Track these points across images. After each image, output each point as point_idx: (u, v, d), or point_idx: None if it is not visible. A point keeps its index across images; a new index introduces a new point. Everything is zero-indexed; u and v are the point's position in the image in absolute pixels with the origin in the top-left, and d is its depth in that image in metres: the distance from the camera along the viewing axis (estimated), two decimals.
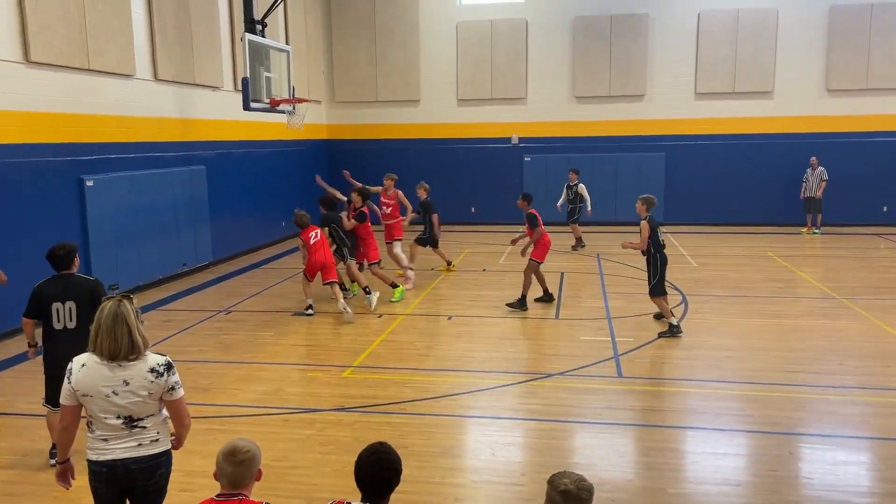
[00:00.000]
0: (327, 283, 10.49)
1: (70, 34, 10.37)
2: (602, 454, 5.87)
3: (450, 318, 10.31)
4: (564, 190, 16.44)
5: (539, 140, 20.07)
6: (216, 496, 3.07)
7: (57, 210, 10.27)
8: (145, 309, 10.93)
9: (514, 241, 11.45)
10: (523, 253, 10.88)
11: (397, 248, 12.40)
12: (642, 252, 9.20)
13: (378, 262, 11.53)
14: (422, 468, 5.55)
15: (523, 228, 10.93)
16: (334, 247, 10.94)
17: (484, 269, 13.89)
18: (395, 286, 11.33)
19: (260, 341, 9.37)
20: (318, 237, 10.53)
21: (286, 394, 7.41)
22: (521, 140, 20.23)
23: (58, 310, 5.37)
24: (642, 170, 19.53)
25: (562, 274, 13.23)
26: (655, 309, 9.63)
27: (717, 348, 8.67)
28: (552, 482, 2.80)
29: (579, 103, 19.85)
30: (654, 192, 19.82)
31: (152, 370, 3.53)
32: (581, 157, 19.69)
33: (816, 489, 5.27)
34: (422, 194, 13.29)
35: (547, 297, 10.94)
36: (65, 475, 3.79)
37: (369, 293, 10.82)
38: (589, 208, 16.13)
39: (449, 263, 13.58)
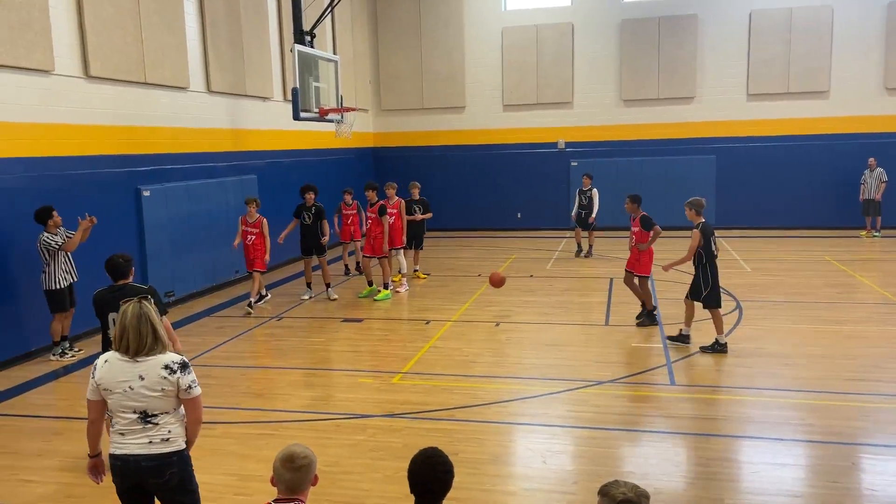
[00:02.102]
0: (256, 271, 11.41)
1: (127, 49, 10.70)
2: (656, 463, 5.77)
3: (497, 324, 10.28)
4: (577, 196, 15.74)
5: (586, 144, 19.91)
6: (273, 501, 3.12)
7: (116, 219, 10.58)
8: (199, 315, 11.19)
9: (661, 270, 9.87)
10: (633, 264, 9.96)
11: (401, 255, 12.89)
12: (693, 262, 8.65)
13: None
14: (472, 475, 5.53)
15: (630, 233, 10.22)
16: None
17: (531, 276, 13.82)
18: (387, 286, 12.13)
19: (311, 347, 9.50)
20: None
21: (337, 399, 7.49)
22: (568, 145, 20.10)
23: (114, 319, 5.49)
24: (692, 173, 19.19)
25: (611, 280, 13.08)
26: (705, 316, 9.34)
27: (773, 356, 8.45)
28: (607, 493, 2.66)
29: (627, 106, 19.64)
30: (705, 195, 19.31)
31: (166, 366, 3.66)
32: (629, 161, 19.51)
33: (880, 501, 5.09)
34: (416, 193, 13.67)
35: (648, 316, 9.98)
36: (95, 469, 3.98)
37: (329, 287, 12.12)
38: (593, 215, 15.39)
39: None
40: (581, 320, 10.38)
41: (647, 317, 9.96)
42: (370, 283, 12.35)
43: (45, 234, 8.67)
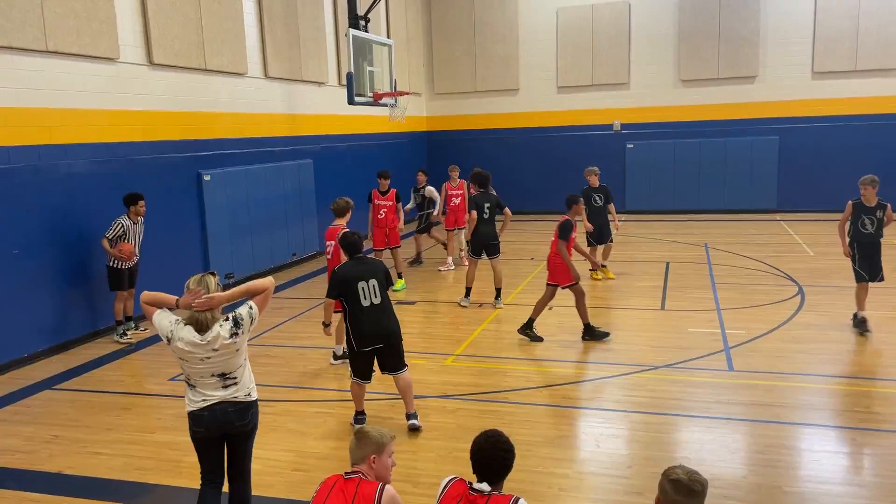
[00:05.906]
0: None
1: (188, 37, 10.95)
2: (712, 449, 5.69)
3: (550, 307, 10.21)
4: (412, 194, 13.74)
5: (642, 126, 19.53)
6: (344, 474, 3.38)
7: (178, 203, 10.91)
8: None
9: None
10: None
11: (462, 235, 12.95)
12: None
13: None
14: (525, 457, 5.54)
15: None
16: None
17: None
18: (400, 276, 11.79)
19: None
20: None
21: (391, 380, 7.57)
22: (624, 126, 19.74)
23: (363, 288, 5.98)
24: (754, 154, 18.67)
25: (667, 264, 12.86)
26: (766, 301, 9.14)
27: (837, 342, 8.20)
28: (665, 473, 2.90)
29: (685, 87, 19.16)
30: (768, 177, 19.13)
31: (231, 334, 4.02)
32: (687, 143, 19.09)
33: None
34: (596, 181, 12.21)
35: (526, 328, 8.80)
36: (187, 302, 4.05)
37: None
38: (436, 212, 13.34)
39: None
40: (636, 304, 10.25)
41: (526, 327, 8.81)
42: (400, 276, 11.92)
43: (124, 217, 9.08)
